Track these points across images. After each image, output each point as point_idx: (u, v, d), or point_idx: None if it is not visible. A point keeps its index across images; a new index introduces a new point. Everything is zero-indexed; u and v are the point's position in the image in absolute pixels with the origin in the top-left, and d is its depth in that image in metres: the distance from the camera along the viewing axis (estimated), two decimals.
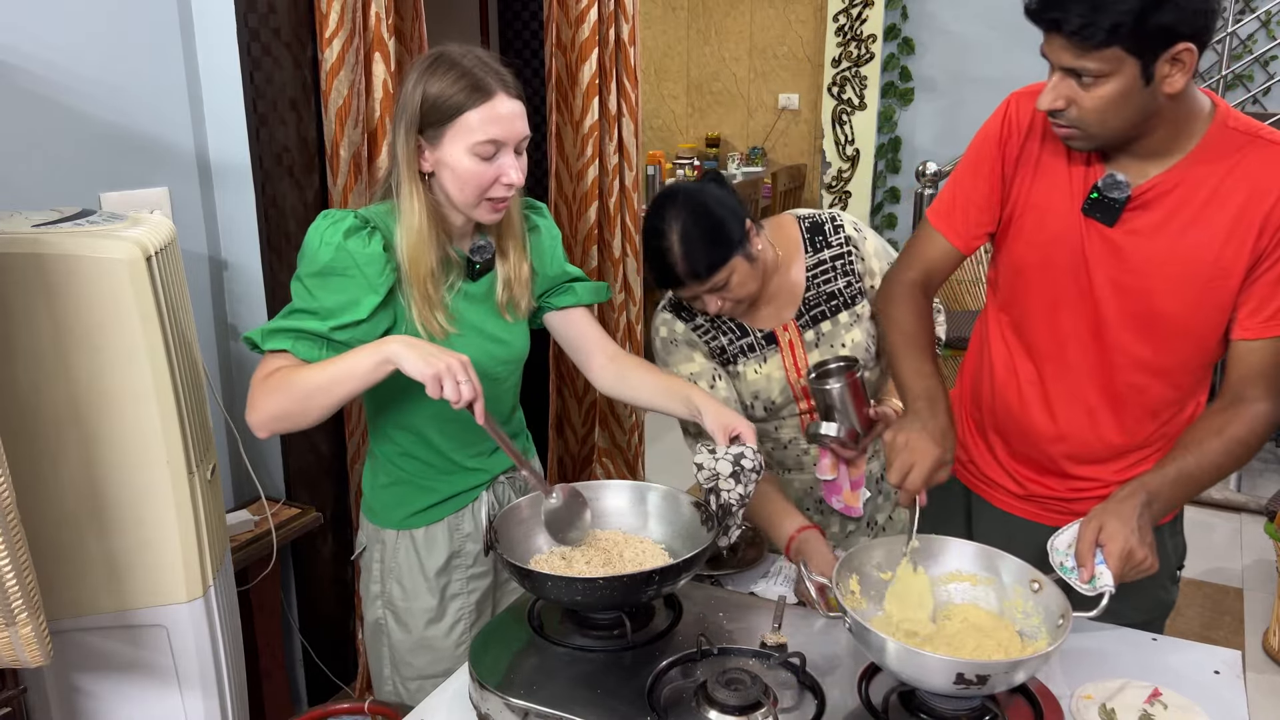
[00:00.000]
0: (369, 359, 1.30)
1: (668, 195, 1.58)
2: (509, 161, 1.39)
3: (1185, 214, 1.29)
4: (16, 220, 1.43)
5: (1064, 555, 1.27)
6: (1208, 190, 1.27)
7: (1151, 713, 1.20)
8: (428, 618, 1.58)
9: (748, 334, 1.68)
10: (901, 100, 5.16)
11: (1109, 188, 1.30)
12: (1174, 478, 1.28)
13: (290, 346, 1.36)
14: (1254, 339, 1.30)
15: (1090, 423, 1.43)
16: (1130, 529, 1.21)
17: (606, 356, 1.63)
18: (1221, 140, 1.27)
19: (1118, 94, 1.19)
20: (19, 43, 1.69)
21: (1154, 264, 1.31)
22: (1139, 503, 1.24)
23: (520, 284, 1.53)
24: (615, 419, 2.96)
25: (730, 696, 1.13)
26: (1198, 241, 1.28)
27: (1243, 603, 3.09)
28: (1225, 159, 1.27)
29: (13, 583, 1.16)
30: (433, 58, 1.39)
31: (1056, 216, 1.37)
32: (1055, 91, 1.24)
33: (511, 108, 1.38)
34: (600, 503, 1.47)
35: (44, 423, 1.38)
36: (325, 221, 1.38)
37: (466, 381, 1.27)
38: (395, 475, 1.56)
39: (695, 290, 1.56)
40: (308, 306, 1.37)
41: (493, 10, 3.80)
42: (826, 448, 1.66)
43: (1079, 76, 1.20)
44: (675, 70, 5.79)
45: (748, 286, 1.58)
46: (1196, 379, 1.41)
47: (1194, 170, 1.28)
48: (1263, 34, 4.36)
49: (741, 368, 1.68)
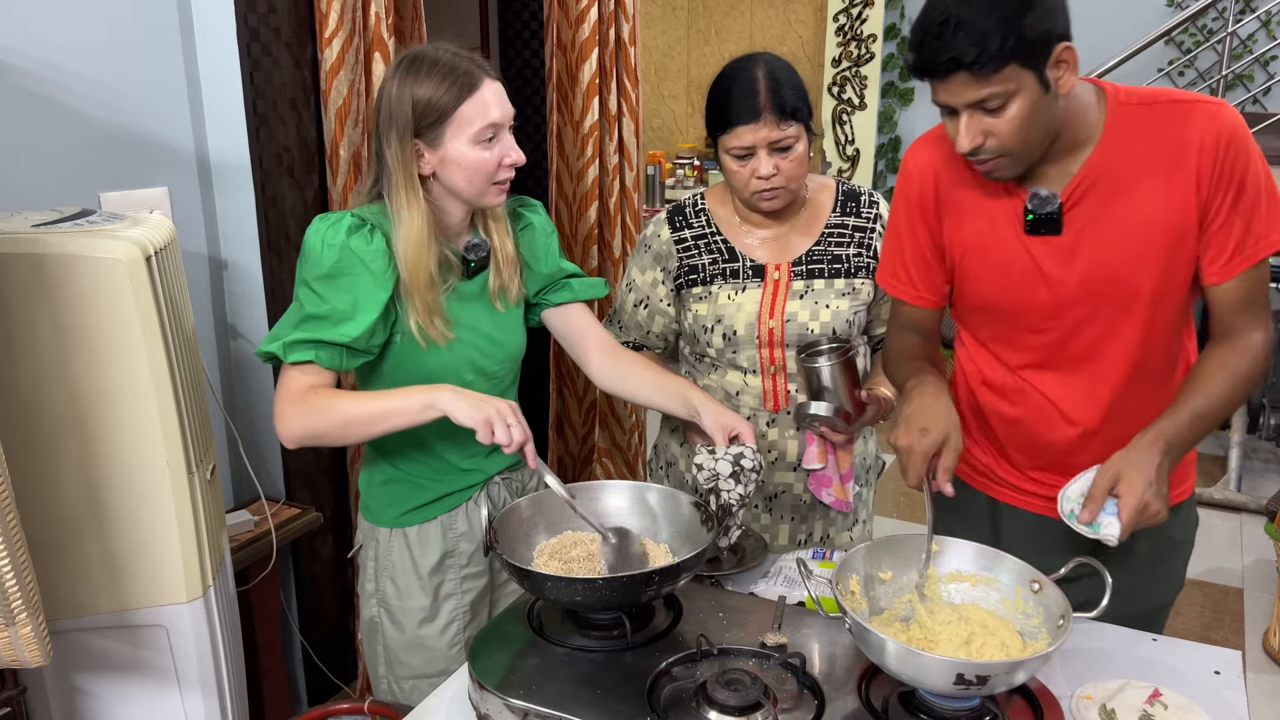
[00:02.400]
0: (417, 402, 1.35)
1: (751, 53, 1.63)
2: (509, 142, 1.44)
3: (1120, 194, 1.32)
4: (16, 220, 1.43)
5: (1075, 503, 1.28)
6: (1130, 165, 1.31)
7: (1151, 713, 1.20)
8: (421, 616, 1.58)
9: (736, 260, 1.69)
10: (901, 100, 5.16)
11: (1039, 205, 1.33)
12: (1189, 420, 1.30)
13: (314, 357, 1.37)
14: (1226, 280, 1.33)
15: (1106, 415, 1.42)
16: (1148, 481, 1.23)
17: (605, 352, 1.63)
18: (1123, 116, 1.31)
19: (1028, 109, 1.23)
20: (19, 43, 1.69)
21: (1111, 251, 1.33)
22: (1158, 452, 1.26)
23: (508, 266, 1.54)
24: (615, 419, 2.96)
25: (730, 696, 1.13)
26: (1142, 214, 1.31)
27: (1243, 603, 3.09)
28: (1134, 131, 1.31)
29: (12, 583, 1.16)
30: (409, 60, 1.41)
31: (999, 248, 1.39)
32: (970, 131, 1.26)
33: (497, 89, 1.43)
34: (600, 503, 1.47)
35: (44, 423, 1.38)
36: (324, 224, 1.39)
37: (517, 425, 1.32)
38: (390, 473, 1.57)
39: (766, 132, 1.56)
40: (319, 312, 1.38)
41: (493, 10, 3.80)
42: (814, 431, 1.64)
43: (986, 107, 1.23)
44: (675, 70, 5.79)
45: (799, 171, 1.60)
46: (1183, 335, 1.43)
47: (1110, 152, 1.31)
48: (1263, 34, 4.36)
49: (715, 289, 1.69)
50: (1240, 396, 1.35)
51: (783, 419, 1.70)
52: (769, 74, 1.56)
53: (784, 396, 1.69)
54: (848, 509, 1.74)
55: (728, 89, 1.58)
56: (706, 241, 1.71)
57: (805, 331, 1.66)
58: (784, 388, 1.69)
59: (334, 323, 1.37)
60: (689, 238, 1.72)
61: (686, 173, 5.31)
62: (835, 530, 1.79)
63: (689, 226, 1.73)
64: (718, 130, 1.61)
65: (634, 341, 1.83)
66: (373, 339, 1.41)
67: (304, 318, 1.38)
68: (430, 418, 1.35)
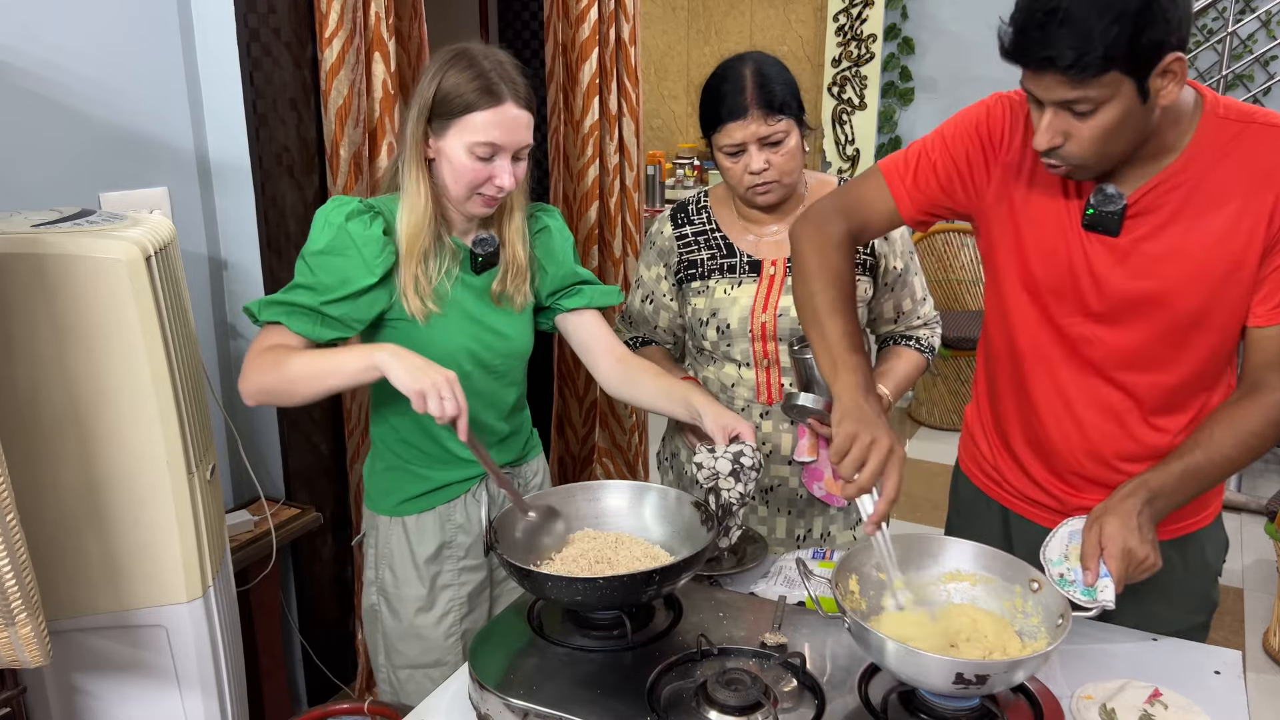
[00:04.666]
0: (356, 361, 1.36)
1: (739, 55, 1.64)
2: (504, 166, 1.44)
3: (1189, 211, 1.25)
4: (16, 220, 1.43)
5: (1060, 566, 1.25)
6: (1209, 183, 1.24)
7: (1152, 713, 1.20)
8: (417, 605, 1.60)
9: (734, 255, 1.71)
10: (901, 100, 5.16)
11: (1102, 202, 1.27)
12: (1179, 474, 1.26)
13: (284, 319, 1.42)
14: (1269, 325, 1.27)
15: (1122, 430, 1.39)
16: (1130, 528, 1.20)
17: (615, 359, 1.65)
18: (1216, 130, 1.24)
19: (1117, 118, 1.15)
20: (19, 43, 1.69)
21: (1167, 265, 1.27)
22: (1139, 500, 1.22)
23: (516, 275, 1.55)
24: (615, 419, 2.96)
25: (730, 696, 1.13)
26: (1207, 236, 1.25)
27: (1243, 603, 3.09)
28: (1222, 149, 1.24)
29: (12, 583, 1.16)
30: (456, 52, 1.44)
31: (1055, 232, 1.33)
32: (1051, 130, 1.19)
33: (518, 116, 1.44)
34: (600, 503, 1.47)
35: (44, 423, 1.38)
36: (333, 204, 1.45)
37: (451, 398, 1.30)
38: (391, 461, 1.59)
39: (755, 128, 1.57)
40: (305, 282, 1.43)
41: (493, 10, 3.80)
42: (804, 423, 1.64)
43: (1075, 109, 1.16)
44: (675, 70, 5.79)
45: (792, 165, 1.61)
46: (1222, 367, 1.37)
47: (1191, 165, 1.25)
48: (1263, 34, 4.36)
49: (712, 284, 1.71)
50: (1247, 458, 1.28)
51: (776, 412, 1.72)
52: (756, 71, 1.58)
53: (778, 390, 1.70)
54: (841, 504, 1.74)
55: (717, 88, 1.61)
56: (706, 238, 1.73)
57: (797, 326, 1.66)
58: (777, 381, 1.70)
59: (316, 294, 1.42)
60: (690, 234, 1.75)
61: (686, 173, 5.31)
62: (836, 528, 1.79)
63: (690, 223, 1.76)
64: (710, 129, 1.63)
65: (643, 337, 1.87)
66: (347, 309, 1.43)
67: (291, 286, 1.45)
68: (371, 378, 1.35)
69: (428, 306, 1.48)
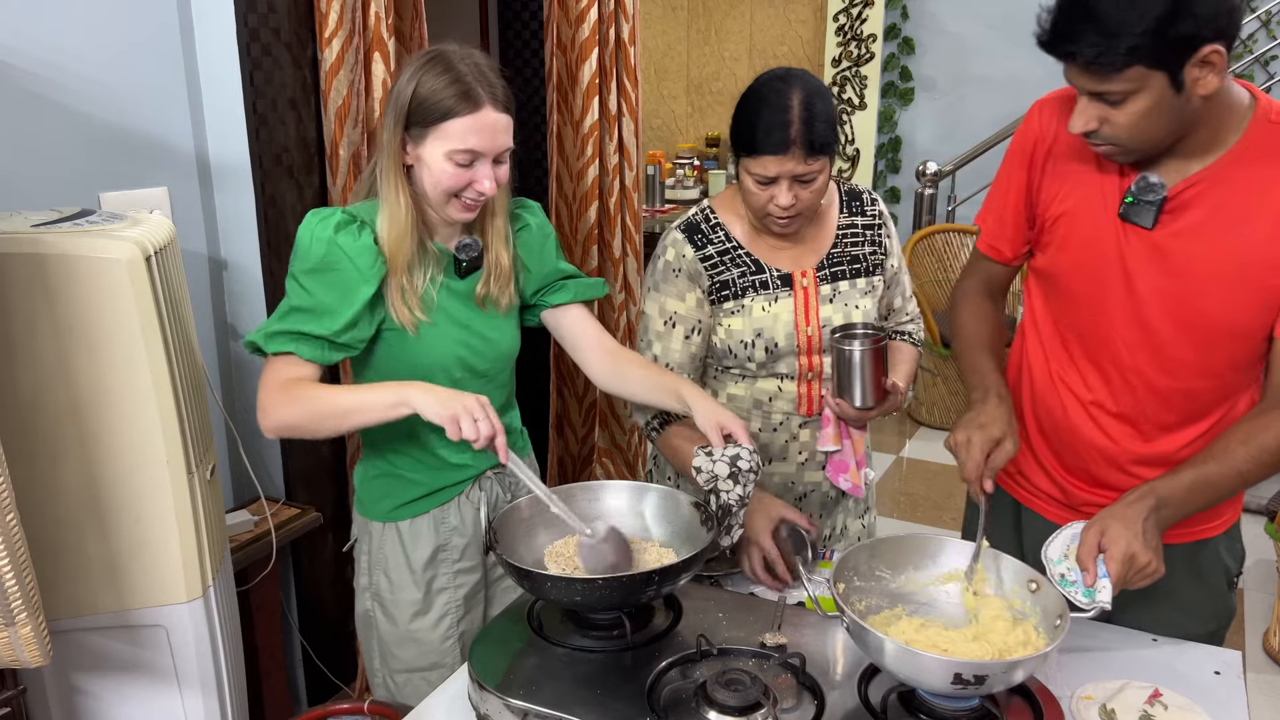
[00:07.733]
0: (387, 399, 1.35)
1: (787, 70, 1.55)
2: (484, 171, 1.42)
3: (1229, 211, 1.24)
4: (16, 220, 1.43)
5: (1061, 566, 1.25)
6: (1252, 186, 1.23)
7: (1152, 713, 1.20)
8: (414, 610, 1.59)
9: (764, 271, 1.65)
10: (901, 100, 5.16)
11: (1143, 190, 1.26)
12: (1189, 484, 1.25)
13: (294, 349, 1.39)
14: None
15: (1138, 431, 1.39)
16: (1134, 533, 1.20)
17: (604, 352, 1.63)
18: (1264, 134, 1.23)
19: (1150, 108, 1.16)
20: (19, 43, 1.69)
21: (1199, 265, 1.27)
22: (1146, 506, 1.22)
23: (500, 278, 1.54)
24: (615, 419, 2.96)
25: (730, 697, 1.13)
26: (1245, 239, 1.24)
27: (1243, 603, 3.09)
28: (1270, 151, 1.23)
29: (12, 583, 1.16)
30: (431, 55, 1.41)
31: (1091, 223, 1.33)
32: (1085, 115, 1.21)
33: (496, 120, 1.41)
34: (600, 503, 1.47)
35: (44, 423, 1.38)
36: (314, 219, 1.41)
37: (485, 420, 1.30)
38: (383, 468, 1.58)
39: (792, 165, 1.49)
40: (304, 304, 1.40)
41: (493, 10, 3.80)
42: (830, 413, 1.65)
43: (1106, 99, 1.17)
44: (675, 70, 5.79)
45: (816, 200, 1.57)
46: (1246, 378, 1.36)
47: (1236, 166, 1.24)
48: (1263, 34, 4.36)
49: (749, 302, 1.64)
50: (1262, 474, 1.26)
51: (814, 423, 1.70)
52: (804, 104, 1.47)
53: (818, 401, 1.69)
54: (861, 494, 1.74)
55: (758, 110, 1.50)
56: (731, 256, 1.66)
57: None
58: (818, 392, 1.69)
59: (317, 316, 1.39)
60: (714, 254, 1.66)
61: (686, 173, 5.31)
62: (850, 519, 1.81)
63: (710, 243, 1.66)
64: (743, 151, 1.54)
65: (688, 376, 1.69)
66: (355, 333, 1.42)
67: (289, 310, 1.41)
68: (401, 414, 1.34)
69: (416, 316, 1.45)
